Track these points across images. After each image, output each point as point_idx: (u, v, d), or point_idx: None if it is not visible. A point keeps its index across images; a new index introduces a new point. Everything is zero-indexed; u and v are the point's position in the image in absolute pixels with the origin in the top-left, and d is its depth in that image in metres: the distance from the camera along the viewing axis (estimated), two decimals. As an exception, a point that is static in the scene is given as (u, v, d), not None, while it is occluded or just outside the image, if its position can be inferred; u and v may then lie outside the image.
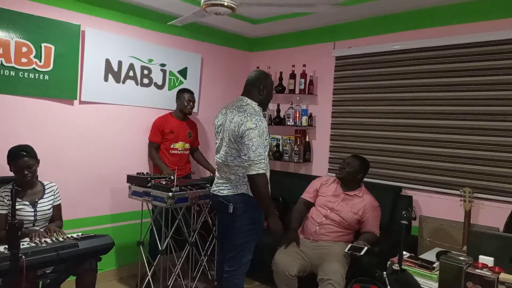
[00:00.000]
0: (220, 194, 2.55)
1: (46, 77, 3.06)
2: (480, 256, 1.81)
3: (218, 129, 2.62)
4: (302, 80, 4.07)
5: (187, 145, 3.75)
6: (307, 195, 3.23)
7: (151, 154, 3.65)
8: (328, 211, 3.04)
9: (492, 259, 1.78)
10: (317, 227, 3.01)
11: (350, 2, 3.31)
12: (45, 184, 2.71)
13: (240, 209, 2.47)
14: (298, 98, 4.15)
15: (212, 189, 2.67)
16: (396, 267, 1.65)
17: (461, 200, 2.98)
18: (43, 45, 3.02)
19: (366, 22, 3.73)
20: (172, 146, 3.64)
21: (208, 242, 3.46)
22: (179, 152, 3.68)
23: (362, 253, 2.57)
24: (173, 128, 3.63)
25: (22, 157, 2.52)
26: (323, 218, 3.03)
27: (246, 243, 2.53)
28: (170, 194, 2.84)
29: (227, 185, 2.53)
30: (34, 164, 2.59)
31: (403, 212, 1.67)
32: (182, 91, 3.70)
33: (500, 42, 3.01)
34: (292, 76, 4.14)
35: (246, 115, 2.42)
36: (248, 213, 2.49)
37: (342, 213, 3.00)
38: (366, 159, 3.20)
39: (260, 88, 2.56)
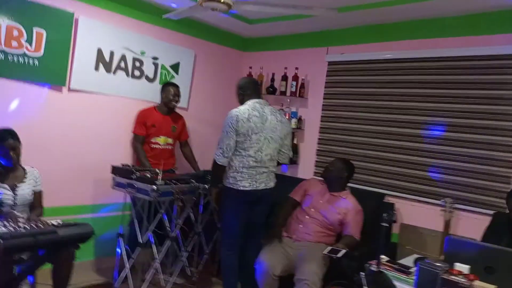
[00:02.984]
0: (269, 187, 2.97)
1: (36, 62, 3.02)
2: (456, 264, 1.84)
3: (256, 130, 2.85)
4: (294, 83, 4.09)
5: (170, 140, 3.68)
6: (295, 194, 3.26)
7: (136, 149, 3.58)
8: (312, 210, 3.07)
9: (468, 267, 1.81)
10: (300, 226, 3.04)
11: (345, 9, 3.34)
12: (26, 168, 2.67)
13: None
14: (288, 100, 4.17)
15: (256, 186, 2.89)
16: (374, 268, 1.67)
17: (441, 210, 3.03)
18: (35, 29, 2.99)
19: (360, 30, 3.77)
20: (153, 140, 3.58)
21: (190, 238, 3.45)
22: (160, 147, 3.62)
23: (339, 255, 2.58)
24: (155, 122, 3.56)
25: (8, 139, 2.49)
26: (307, 217, 3.06)
27: None
28: (155, 187, 2.83)
29: (271, 177, 3.01)
30: (19, 146, 2.56)
31: (384, 215, 1.69)
32: (167, 85, 3.64)
33: (490, 58, 3.07)
34: (284, 78, 4.17)
35: (285, 117, 3.10)
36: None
37: (326, 212, 3.03)
38: (351, 163, 3.24)
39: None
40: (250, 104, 2.92)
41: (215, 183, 3.02)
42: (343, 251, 2.60)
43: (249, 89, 3.00)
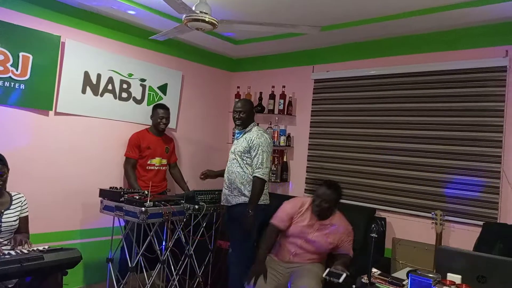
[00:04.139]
0: None
1: (22, 86, 3.01)
2: (448, 274, 1.83)
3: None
4: (281, 101, 4.13)
5: (164, 161, 3.70)
6: (281, 224, 2.95)
7: (127, 172, 3.53)
8: (303, 241, 2.90)
9: (459, 277, 1.81)
10: (291, 256, 2.91)
11: (329, 28, 3.42)
12: (12, 194, 2.62)
13: None
14: (277, 118, 4.19)
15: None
16: (365, 280, 1.65)
17: (432, 222, 3.03)
18: (21, 54, 2.99)
19: (344, 48, 3.85)
20: (149, 162, 3.58)
21: (181, 261, 3.38)
22: (155, 168, 3.62)
23: (341, 280, 2.39)
24: (149, 143, 3.58)
25: None
26: (298, 248, 2.91)
27: None
28: (143, 209, 2.79)
29: None
30: (6, 172, 2.52)
31: (373, 225, 1.69)
32: (156, 107, 3.66)
33: (472, 71, 3.15)
34: (272, 96, 4.21)
35: None
36: None
37: (318, 243, 2.89)
38: (338, 186, 2.99)
39: None
40: (258, 127, 3.18)
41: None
42: (344, 274, 2.42)
43: (253, 110, 3.24)
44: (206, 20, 2.32)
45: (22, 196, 2.66)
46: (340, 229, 2.91)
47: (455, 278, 1.80)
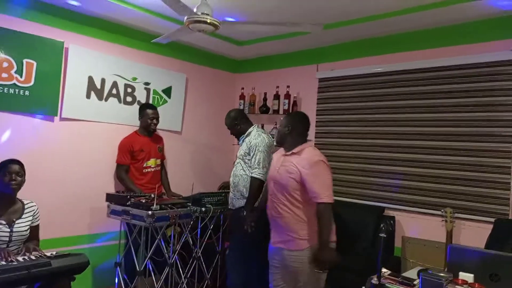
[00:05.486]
0: None
1: (27, 92, 3.02)
2: (460, 273, 1.79)
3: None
4: (286, 101, 4.11)
5: (159, 161, 3.63)
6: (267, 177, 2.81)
7: (122, 179, 3.42)
8: (272, 184, 2.55)
9: (472, 275, 1.77)
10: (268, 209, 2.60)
11: (332, 26, 3.39)
12: (25, 203, 2.60)
13: None
14: (282, 118, 4.15)
15: None
16: (375, 281, 1.62)
17: (442, 220, 2.99)
18: (24, 60, 3.00)
19: (348, 45, 3.81)
20: (144, 165, 3.49)
21: (189, 264, 3.37)
22: (152, 170, 3.54)
23: None
24: (142, 146, 3.47)
25: (15, 163, 2.49)
26: (272, 196, 2.56)
27: None
28: (150, 212, 2.79)
29: None
30: (23, 175, 2.53)
31: (382, 225, 1.66)
32: (144, 107, 3.52)
33: (480, 65, 3.09)
34: (276, 97, 4.18)
35: None
36: None
37: (283, 178, 2.46)
38: (299, 112, 2.88)
39: None
40: (256, 128, 3.21)
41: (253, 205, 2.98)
42: None
43: (243, 117, 3.26)
44: (208, 21, 2.31)
45: (35, 205, 2.64)
46: (300, 157, 2.43)
47: (467, 277, 1.76)
